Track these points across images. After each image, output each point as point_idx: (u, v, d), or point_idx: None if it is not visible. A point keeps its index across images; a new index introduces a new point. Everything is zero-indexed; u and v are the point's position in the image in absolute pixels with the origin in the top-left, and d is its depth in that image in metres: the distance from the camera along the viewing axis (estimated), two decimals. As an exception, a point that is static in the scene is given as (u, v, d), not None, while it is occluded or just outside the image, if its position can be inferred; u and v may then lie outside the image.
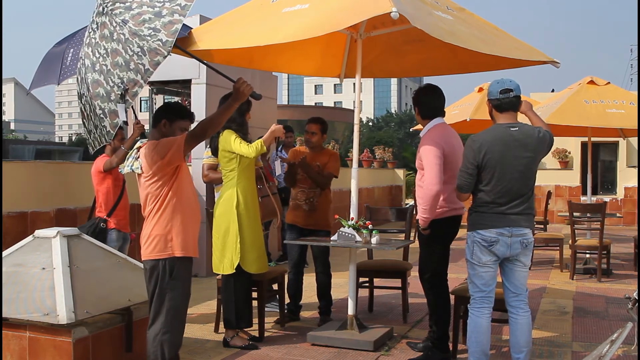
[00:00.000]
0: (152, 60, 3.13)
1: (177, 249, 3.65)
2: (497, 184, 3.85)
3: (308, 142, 5.68)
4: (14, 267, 4.07)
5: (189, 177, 3.82)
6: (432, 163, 4.30)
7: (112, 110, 3.13)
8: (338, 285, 6.30)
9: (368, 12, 3.94)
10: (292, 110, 42.65)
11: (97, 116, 3.20)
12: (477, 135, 3.95)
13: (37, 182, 6.14)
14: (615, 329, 3.26)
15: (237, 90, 3.55)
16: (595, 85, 8.23)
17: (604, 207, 7.89)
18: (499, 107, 3.95)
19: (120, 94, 3.12)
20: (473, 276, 3.98)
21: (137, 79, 3.13)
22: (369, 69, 5.67)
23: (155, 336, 3.66)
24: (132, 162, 3.69)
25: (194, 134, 3.62)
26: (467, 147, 3.95)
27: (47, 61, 6.23)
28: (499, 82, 3.96)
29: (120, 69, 3.13)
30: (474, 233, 3.93)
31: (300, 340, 5.03)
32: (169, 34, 3.18)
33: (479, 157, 3.85)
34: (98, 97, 3.14)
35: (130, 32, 3.13)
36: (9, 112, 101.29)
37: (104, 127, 3.17)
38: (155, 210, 3.63)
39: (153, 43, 3.13)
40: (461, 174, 3.97)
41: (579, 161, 15.85)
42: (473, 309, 3.97)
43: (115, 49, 3.14)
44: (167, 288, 3.64)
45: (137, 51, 3.14)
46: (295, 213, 5.62)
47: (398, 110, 76.04)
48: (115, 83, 3.13)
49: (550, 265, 8.97)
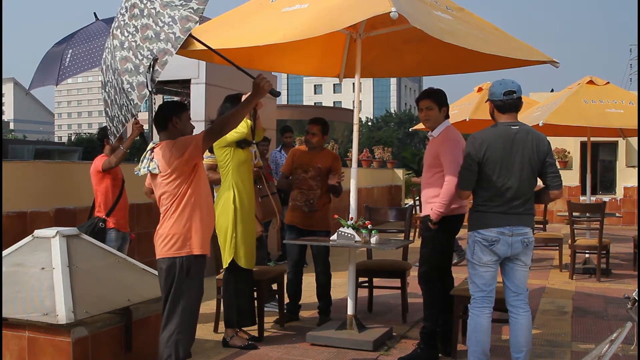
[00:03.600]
0: (182, 28, 3.16)
1: (196, 247, 3.61)
2: (498, 183, 3.87)
3: (308, 143, 5.67)
4: (13, 267, 4.07)
5: (205, 174, 3.82)
6: (456, 161, 4.34)
7: (141, 82, 3.13)
8: (337, 285, 6.30)
9: (367, 12, 3.94)
10: (292, 110, 42.56)
11: (123, 92, 3.19)
12: (478, 133, 3.98)
13: (36, 182, 6.13)
14: (615, 329, 3.27)
15: (257, 86, 3.56)
16: (595, 85, 8.23)
17: (603, 207, 7.89)
18: (501, 108, 3.97)
19: (149, 65, 3.12)
20: (474, 276, 3.98)
21: (168, 47, 3.15)
22: (369, 68, 5.67)
23: (170, 337, 3.59)
24: (147, 163, 3.66)
25: (212, 130, 3.62)
26: (468, 144, 3.98)
27: (46, 61, 6.23)
28: (501, 84, 3.97)
29: (150, 42, 3.15)
30: (475, 233, 3.93)
31: (300, 340, 5.02)
32: (200, 2, 3.23)
33: (480, 153, 3.87)
34: (126, 72, 3.15)
35: (161, 5, 3.20)
36: (8, 112, 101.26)
37: (131, 100, 3.16)
38: (174, 208, 3.59)
39: (184, 11, 3.18)
40: (462, 171, 3.99)
41: (579, 161, 15.86)
42: (474, 309, 3.97)
43: (146, 23, 3.19)
44: (184, 287, 3.59)
45: (167, 21, 3.17)
46: (294, 214, 5.62)
47: (397, 110, 76.06)
48: (145, 55, 3.15)
49: (550, 265, 8.98)
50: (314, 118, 5.74)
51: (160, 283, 3.67)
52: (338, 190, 5.60)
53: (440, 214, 4.40)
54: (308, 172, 5.58)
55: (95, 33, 5.98)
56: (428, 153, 4.65)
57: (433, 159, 4.55)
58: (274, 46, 4.53)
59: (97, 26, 6.07)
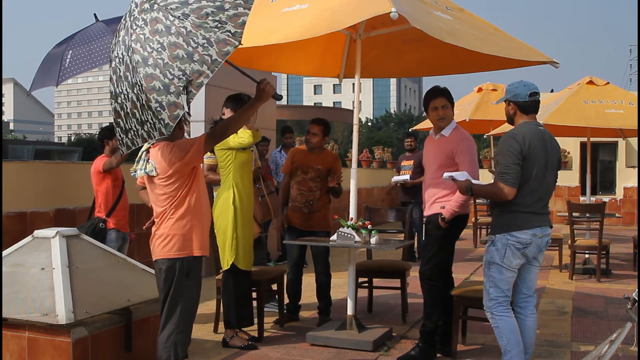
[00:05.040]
0: (220, 51, 3.15)
1: (196, 249, 3.61)
2: (534, 181, 3.76)
3: (308, 142, 5.67)
4: (13, 267, 4.07)
5: (202, 176, 3.81)
6: (474, 160, 4.34)
7: (172, 102, 3.12)
8: (337, 286, 6.30)
9: (367, 12, 3.94)
10: (292, 110, 42.51)
11: (149, 110, 3.17)
12: (517, 129, 3.83)
13: (36, 182, 6.13)
14: (615, 329, 3.26)
15: (261, 91, 3.55)
16: (595, 85, 8.24)
17: (603, 207, 7.89)
18: (526, 109, 3.87)
19: (182, 86, 3.11)
20: (499, 281, 3.81)
21: (203, 69, 3.13)
22: (368, 69, 5.67)
23: (169, 337, 3.58)
24: (144, 164, 3.64)
25: (214, 134, 3.61)
26: (509, 140, 3.76)
27: (46, 63, 6.22)
28: (525, 85, 3.86)
29: (181, 62, 3.13)
30: (507, 235, 3.75)
31: (300, 340, 5.03)
32: (236, 25, 3.20)
33: (525, 148, 3.72)
34: (154, 91, 3.13)
35: (193, 25, 3.16)
36: (8, 112, 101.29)
37: (161, 120, 3.14)
38: (174, 209, 3.58)
39: (222, 34, 3.15)
40: (511, 168, 3.71)
41: (578, 161, 15.86)
42: (501, 312, 3.82)
43: (174, 42, 3.15)
44: (183, 288, 3.58)
45: (202, 43, 3.15)
46: (294, 215, 5.62)
47: (397, 110, 75.97)
48: (175, 75, 3.12)
49: (550, 265, 8.98)
50: (316, 118, 5.72)
51: (159, 284, 3.65)
52: (338, 192, 5.60)
53: (455, 213, 4.36)
54: (308, 174, 5.58)
55: (95, 34, 5.97)
56: (437, 152, 4.54)
57: (446, 158, 4.45)
58: (274, 46, 4.53)
59: (97, 27, 6.07)
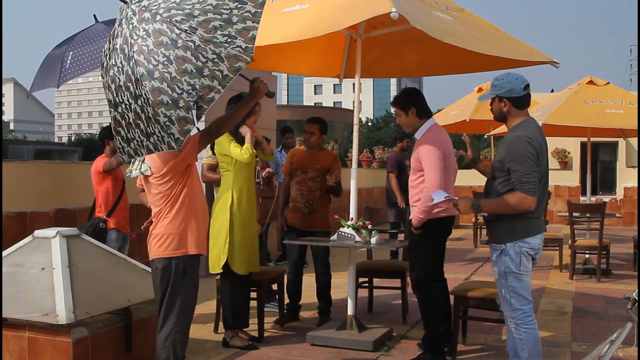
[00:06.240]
0: (231, 67, 3.13)
1: (192, 247, 3.60)
2: (543, 186, 3.63)
3: (306, 142, 5.67)
4: (13, 267, 4.07)
5: (197, 174, 3.80)
6: (434, 165, 4.27)
7: (182, 117, 3.11)
8: (337, 286, 6.30)
9: (368, 12, 3.95)
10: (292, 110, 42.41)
11: (156, 123, 3.16)
12: (530, 132, 3.56)
13: (36, 182, 6.14)
14: (615, 329, 3.26)
15: (255, 90, 3.56)
16: (595, 85, 8.25)
17: (603, 207, 7.89)
18: (522, 104, 3.64)
19: (192, 101, 3.11)
20: (520, 289, 3.63)
21: (214, 85, 3.12)
22: (369, 69, 5.67)
23: (167, 337, 3.58)
24: (139, 164, 3.65)
25: (208, 132, 3.61)
26: (524, 145, 3.50)
27: (47, 64, 6.22)
28: (517, 78, 3.61)
29: (190, 76, 3.11)
30: (521, 243, 3.58)
31: (300, 340, 5.03)
32: (246, 40, 3.16)
33: (539, 152, 3.53)
34: (162, 105, 3.10)
35: (202, 40, 3.13)
36: (8, 112, 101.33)
37: (171, 134, 3.13)
38: (169, 208, 3.57)
39: (232, 50, 3.12)
40: (532, 176, 3.48)
41: (579, 161, 15.87)
42: (527, 324, 3.64)
43: (182, 56, 3.12)
44: (180, 287, 3.58)
45: (212, 58, 3.13)
46: (294, 215, 5.62)
47: (397, 110, 75.91)
48: (184, 90, 3.11)
49: (550, 265, 8.98)
50: (312, 117, 5.74)
51: (155, 283, 3.65)
52: (338, 191, 5.60)
53: (421, 219, 4.31)
54: (307, 173, 5.58)
55: (95, 35, 5.98)
56: (412, 156, 4.53)
57: (416, 162, 4.43)
58: (274, 46, 4.53)
59: (97, 28, 6.07)
